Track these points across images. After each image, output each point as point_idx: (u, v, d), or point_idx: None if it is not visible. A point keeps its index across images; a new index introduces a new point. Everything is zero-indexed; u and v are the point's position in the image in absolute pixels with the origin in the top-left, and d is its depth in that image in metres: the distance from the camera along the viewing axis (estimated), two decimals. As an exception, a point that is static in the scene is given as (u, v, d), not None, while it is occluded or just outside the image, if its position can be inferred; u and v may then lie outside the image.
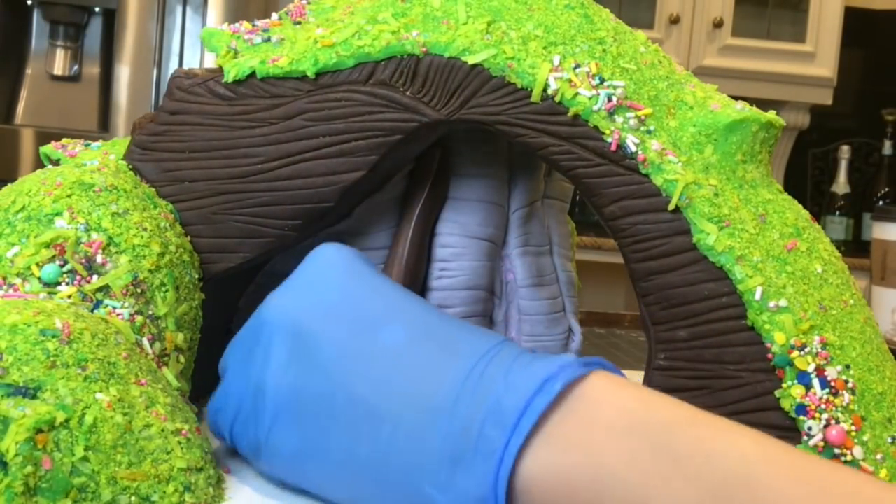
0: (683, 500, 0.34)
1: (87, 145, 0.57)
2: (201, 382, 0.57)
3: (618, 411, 0.36)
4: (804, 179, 2.89)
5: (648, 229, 0.47)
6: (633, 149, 0.47)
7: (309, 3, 0.58)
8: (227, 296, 0.58)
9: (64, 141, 0.57)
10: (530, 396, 0.36)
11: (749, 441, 0.34)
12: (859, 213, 2.72)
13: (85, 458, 0.37)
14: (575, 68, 0.48)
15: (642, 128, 0.47)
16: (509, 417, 0.35)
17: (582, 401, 0.36)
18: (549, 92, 0.47)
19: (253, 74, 0.50)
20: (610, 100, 0.47)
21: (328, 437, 0.39)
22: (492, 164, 0.57)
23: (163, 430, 0.40)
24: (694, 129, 0.48)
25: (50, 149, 0.56)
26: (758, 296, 0.45)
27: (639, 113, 0.48)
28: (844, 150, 2.71)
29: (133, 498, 0.38)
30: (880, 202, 2.64)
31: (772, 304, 0.45)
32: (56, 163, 0.55)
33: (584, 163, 0.48)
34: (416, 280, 0.56)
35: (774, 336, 0.45)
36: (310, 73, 0.49)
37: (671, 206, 0.46)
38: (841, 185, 2.71)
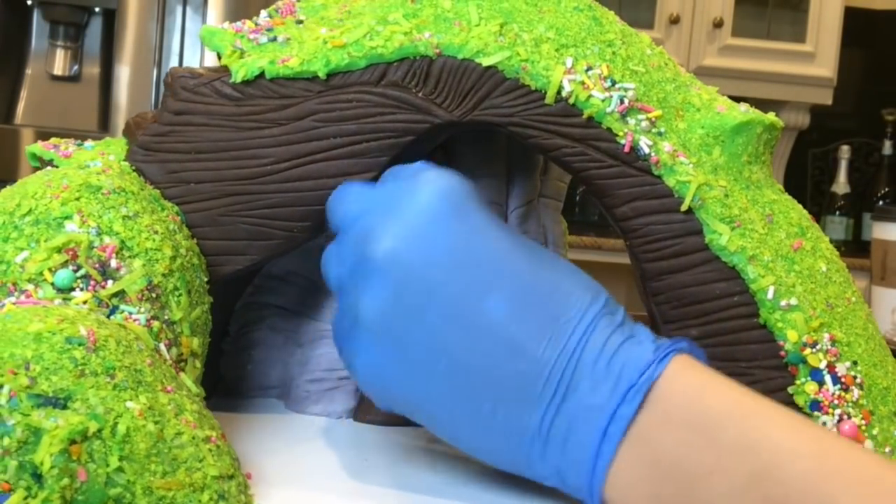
0: (721, 492, 0.36)
1: (79, 145, 0.55)
2: (204, 383, 0.56)
3: (677, 404, 0.38)
4: (804, 179, 2.89)
5: (661, 230, 0.48)
6: (647, 150, 0.47)
7: (299, 1, 0.58)
8: (227, 298, 0.57)
9: (54, 140, 0.56)
10: (616, 404, 0.38)
11: (785, 433, 0.36)
12: (859, 213, 2.72)
13: (120, 469, 0.37)
14: (587, 70, 0.48)
15: (653, 129, 0.48)
16: (597, 417, 0.39)
17: (655, 396, 0.38)
18: (563, 94, 0.47)
19: (261, 75, 0.49)
20: (622, 102, 0.48)
21: (429, 397, 0.41)
22: (491, 164, 0.57)
23: (193, 438, 0.39)
24: (702, 130, 0.49)
25: (39, 148, 0.55)
26: (770, 295, 0.46)
27: (650, 115, 0.48)
28: (844, 150, 2.71)
29: (169, 508, 0.37)
30: (880, 202, 2.63)
31: (783, 302, 0.46)
32: (49, 163, 0.54)
33: (596, 164, 0.48)
34: (419, 280, 0.56)
35: (787, 334, 0.46)
36: (321, 74, 0.48)
37: (684, 207, 0.47)
38: (841, 185, 2.71)
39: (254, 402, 0.57)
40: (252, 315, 0.58)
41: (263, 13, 0.56)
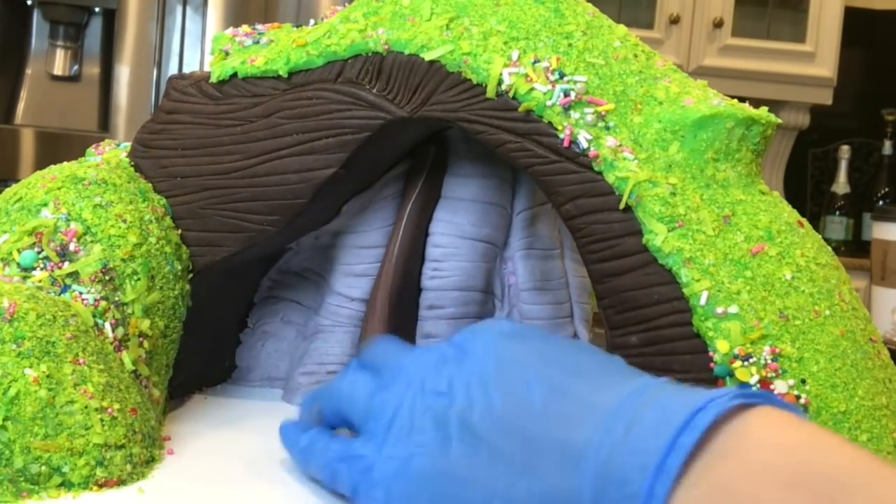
0: None
1: (117, 146, 0.60)
2: (210, 370, 0.59)
3: (782, 458, 0.31)
4: (804, 179, 2.88)
5: (602, 229, 0.45)
6: (585, 145, 0.45)
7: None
8: (242, 291, 0.60)
9: (106, 142, 0.62)
10: (676, 432, 0.31)
11: None
12: (859, 213, 2.69)
13: (3, 427, 0.40)
14: (534, 63, 0.46)
15: (600, 123, 0.46)
16: (652, 457, 0.31)
17: (739, 440, 0.31)
18: (504, 87, 0.46)
19: (235, 75, 0.52)
20: (567, 95, 0.46)
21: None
22: (492, 164, 0.56)
23: (86, 408, 0.42)
24: (659, 125, 0.46)
25: (89, 150, 0.60)
26: (703, 300, 0.42)
27: (599, 108, 0.46)
28: (844, 150, 2.68)
29: (44, 467, 0.40)
30: (880, 202, 2.60)
31: (719, 309, 0.42)
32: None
33: (539, 160, 0.46)
34: (408, 279, 0.56)
35: (717, 344, 0.42)
36: (282, 72, 0.50)
37: (621, 205, 0.44)
38: (841, 185, 2.67)
39: (258, 391, 0.59)
40: (269, 308, 0.61)
41: (312, 21, 0.59)
